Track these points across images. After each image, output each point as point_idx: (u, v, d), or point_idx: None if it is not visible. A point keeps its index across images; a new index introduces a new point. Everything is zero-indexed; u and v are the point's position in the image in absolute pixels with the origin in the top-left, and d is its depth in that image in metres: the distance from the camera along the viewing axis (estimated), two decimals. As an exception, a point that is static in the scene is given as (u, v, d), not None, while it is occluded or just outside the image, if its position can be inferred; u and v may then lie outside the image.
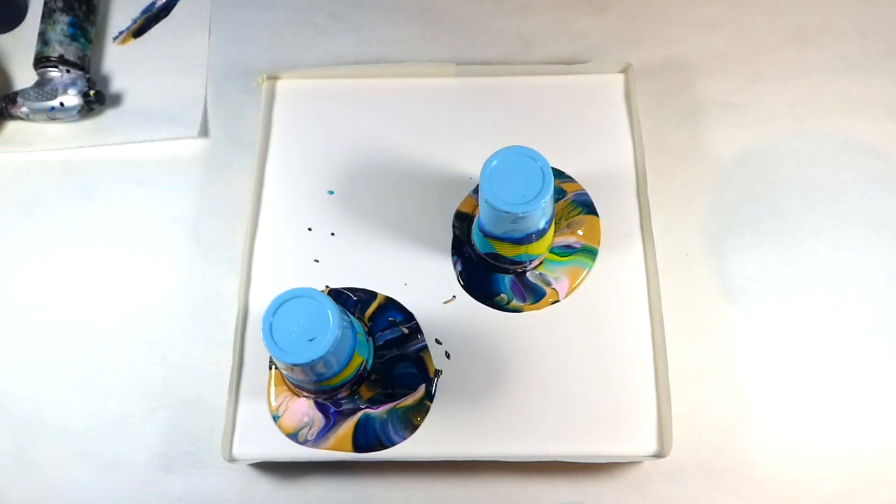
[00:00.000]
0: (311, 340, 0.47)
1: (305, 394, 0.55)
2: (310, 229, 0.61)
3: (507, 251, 0.56)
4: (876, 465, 0.54)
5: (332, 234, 0.61)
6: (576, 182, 0.62)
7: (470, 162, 0.63)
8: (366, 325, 0.58)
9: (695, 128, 0.65)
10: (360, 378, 0.55)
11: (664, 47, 0.69)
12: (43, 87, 0.66)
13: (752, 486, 0.54)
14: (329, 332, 0.47)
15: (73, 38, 0.67)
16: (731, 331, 0.58)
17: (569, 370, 0.56)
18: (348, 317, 0.52)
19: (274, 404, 0.56)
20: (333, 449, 0.54)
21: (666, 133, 0.65)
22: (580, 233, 0.60)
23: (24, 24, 0.73)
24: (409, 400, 0.55)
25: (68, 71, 0.66)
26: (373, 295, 0.59)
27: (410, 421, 0.55)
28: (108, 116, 0.68)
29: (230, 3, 0.72)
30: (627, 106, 0.65)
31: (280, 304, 0.48)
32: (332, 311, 0.48)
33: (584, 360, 0.56)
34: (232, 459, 0.55)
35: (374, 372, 0.56)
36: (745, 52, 0.68)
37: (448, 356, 0.57)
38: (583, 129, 0.64)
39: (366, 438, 0.54)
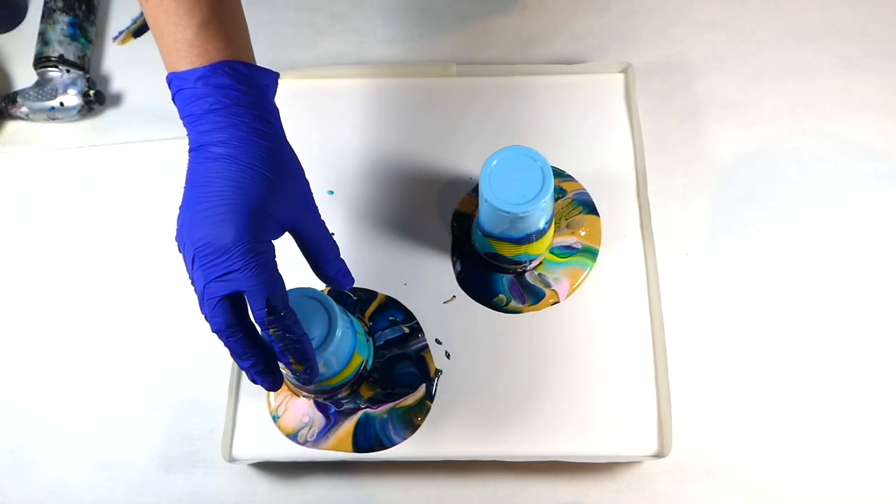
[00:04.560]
0: (311, 340, 0.47)
1: (305, 394, 0.55)
2: (310, 229, 0.61)
3: (507, 251, 0.56)
4: (876, 465, 0.54)
5: (333, 233, 0.61)
6: (576, 181, 0.62)
7: (470, 162, 0.63)
8: (366, 324, 0.58)
9: (695, 128, 0.65)
10: (360, 378, 0.55)
11: (664, 47, 0.69)
12: (43, 87, 0.66)
13: (752, 486, 0.54)
14: (329, 332, 0.47)
15: (73, 38, 0.68)
16: (732, 331, 0.58)
17: (569, 370, 0.56)
18: (348, 316, 0.52)
19: (274, 404, 0.56)
20: (333, 449, 0.54)
21: (666, 133, 0.65)
22: (582, 233, 0.60)
23: (24, 24, 0.73)
24: (410, 400, 0.55)
25: (68, 71, 0.66)
26: (373, 294, 0.59)
27: (411, 421, 0.55)
28: (108, 116, 0.68)
29: (230, 3, 0.72)
30: (627, 106, 0.65)
31: None
32: (332, 311, 0.47)
33: (584, 360, 0.56)
34: (232, 459, 0.55)
35: (375, 371, 0.56)
36: (745, 52, 0.68)
37: (448, 356, 0.57)
38: (583, 128, 0.64)
39: (366, 438, 0.54)
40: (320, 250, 0.47)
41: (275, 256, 0.42)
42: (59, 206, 0.65)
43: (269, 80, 0.44)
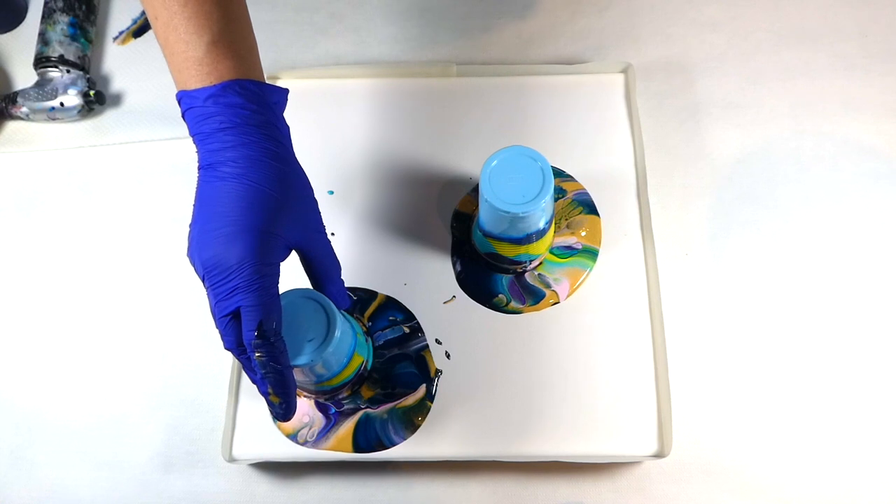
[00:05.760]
0: (310, 341, 0.47)
1: (306, 394, 0.55)
2: (310, 229, 0.61)
3: (507, 251, 0.56)
4: (875, 465, 0.54)
5: (332, 234, 0.61)
6: (576, 181, 0.62)
7: (470, 162, 0.63)
8: (364, 324, 0.58)
9: (695, 128, 0.65)
10: (360, 378, 0.55)
11: (664, 47, 0.69)
12: (43, 87, 0.66)
13: (752, 486, 0.54)
14: (328, 333, 0.47)
15: (73, 38, 0.67)
16: (732, 331, 0.58)
17: (569, 370, 0.56)
18: (347, 317, 0.52)
19: (274, 404, 0.56)
20: (333, 449, 0.54)
21: (666, 133, 0.65)
22: (582, 233, 0.60)
23: (24, 24, 0.73)
24: (410, 400, 0.55)
25: (68, 71, 0.66)
26: (373, 294, 0.59)
27: (411, 421, 0.55)
28: (108, 116, 0.68)
29: (230, 3, 0.72)
30: (627, 106, 0.65)
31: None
32: (330, 312, 0.47)
33: (584, 361, 0.56)
34: (232, 459, 0.55)
35: (375, 371, 0.56)
36: (745, 52, 0.68)
37: (448, 356, 0.57)
38: (583, 128, 0.64)
39: (366, 438, 0.54)
40: (324, 271, 0.47)
41: (278, 282, 0.42)
42: (59, 206, 0.65)
43: (278, 97, 0.44)
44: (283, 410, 0.44)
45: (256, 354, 0.41)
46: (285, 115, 0.45)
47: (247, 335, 0.41)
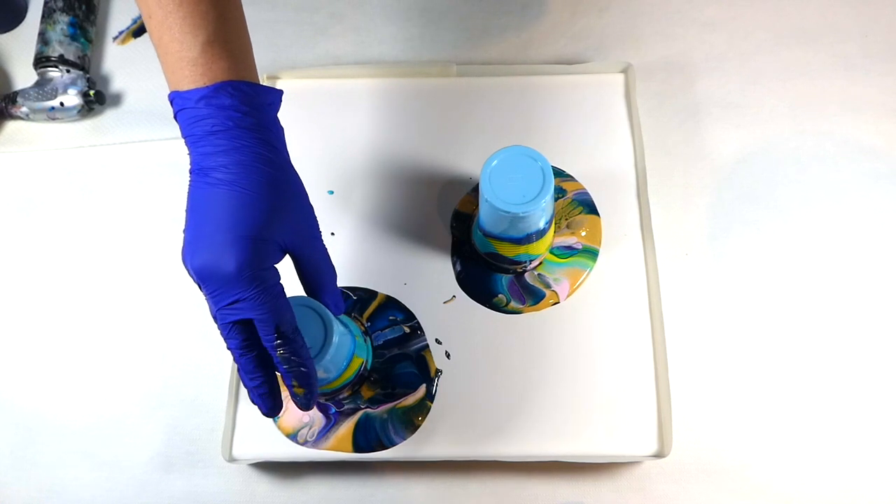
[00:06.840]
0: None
1: (305, 394, 0.55)
2: (310, 229, 0.61)
3: (507, 251, 0.56)
4: (876, 465, 0.54)
5: (332, 234, 0.61)
6: (576, 181, 0.62)
7: (470, 162, 0.63)
8: (362, 324, 0.58)
9: (695, 128, 0.65)
10: (361, 378, 0.55)
11: (664, 47, 0.69)
12: (43, 87, 0.66)
13: (752, 486, 0.54)
14: (326, 340, 0.47)
15: (73, 38, 0.68)
16: (731, 331, 0.58)
17: (569, 370, 0.56)
18: (344, 319, 0.52)
19: (274, 404, 0.56)
20: (333, 449, 0.54)
21: (666, 133, 0.65)
22: (582, 233, 0.60)
23: (24, 24, 0.73)
24: (410, 400, 0.55)
25: (68, 71, 0.66)
26: (373, 294, 0.59)
27: (411, 421, 0.55)
28: (108, 116, 0.68)
29: (230, 3, 0.72)
30: (627, 106, 0.65)
31: None
32: (327, 320, 0.47)
33: (584, 361, 0.56)
34: (232, 459, 0.55)
35: (375, 371, 0.56)
36: (745, 52, 0.68)
37: (448, 356, 0.57)
38: (583, 128, 0.64)
39: (366, 438, 0.54)
40: (319, 278, 0.46)
41: (279, 280, 0.42)
42: (59, 206, 0.65)
43: (272, 98, 0.43)
44: (306, 400, 0.44)
45: (279, 352, 0.41)
46: (285, 114, 0.45)
47: (267, 340, 0.41)
